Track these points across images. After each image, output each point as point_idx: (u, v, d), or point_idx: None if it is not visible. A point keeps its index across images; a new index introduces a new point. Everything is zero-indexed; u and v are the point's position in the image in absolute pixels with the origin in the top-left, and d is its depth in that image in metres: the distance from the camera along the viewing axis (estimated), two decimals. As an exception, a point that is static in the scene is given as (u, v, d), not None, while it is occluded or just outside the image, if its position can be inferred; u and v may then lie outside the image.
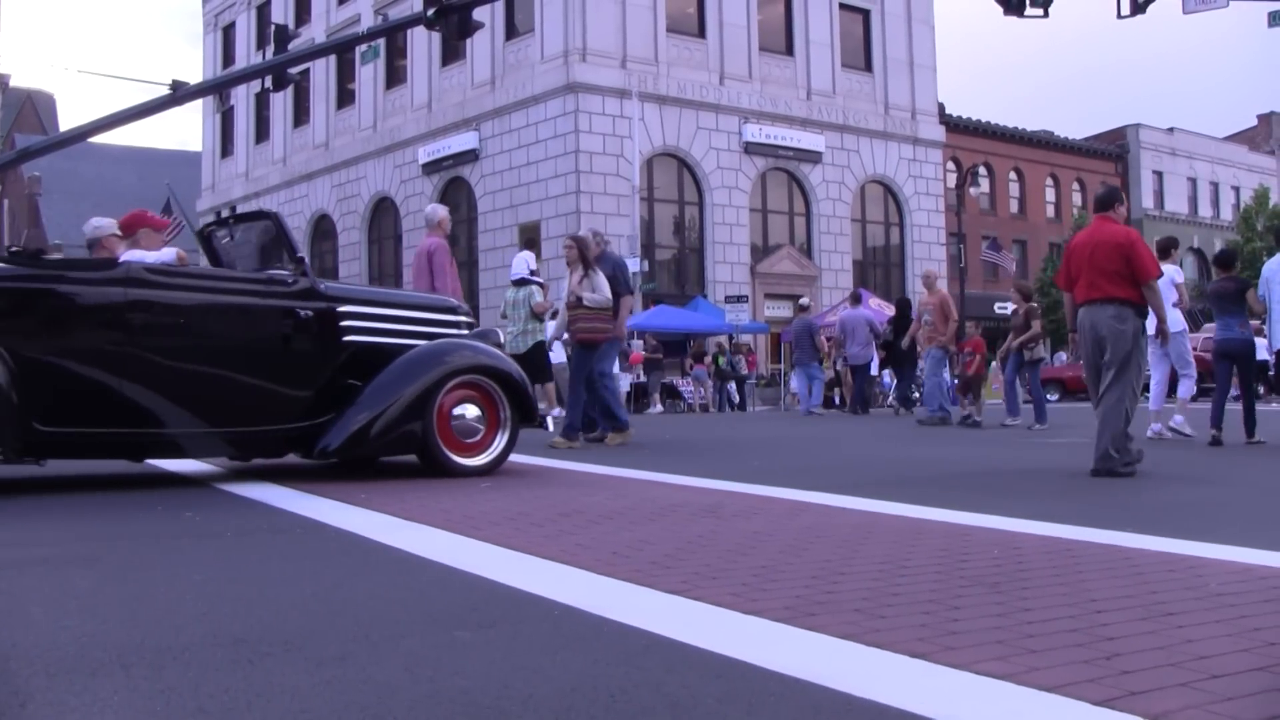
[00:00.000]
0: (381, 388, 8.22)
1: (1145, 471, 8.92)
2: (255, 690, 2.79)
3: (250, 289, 8.26)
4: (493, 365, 8.77)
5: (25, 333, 7.16)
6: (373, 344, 8.51)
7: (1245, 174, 69.31)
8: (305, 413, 8.15)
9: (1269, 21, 22.74)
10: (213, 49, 59.40)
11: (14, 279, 7.35)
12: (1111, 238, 8.84)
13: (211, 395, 7.86)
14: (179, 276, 7.99)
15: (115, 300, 7.49)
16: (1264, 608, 3.73)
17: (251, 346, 8.15)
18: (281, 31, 25.76)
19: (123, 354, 7.44)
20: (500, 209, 40.36)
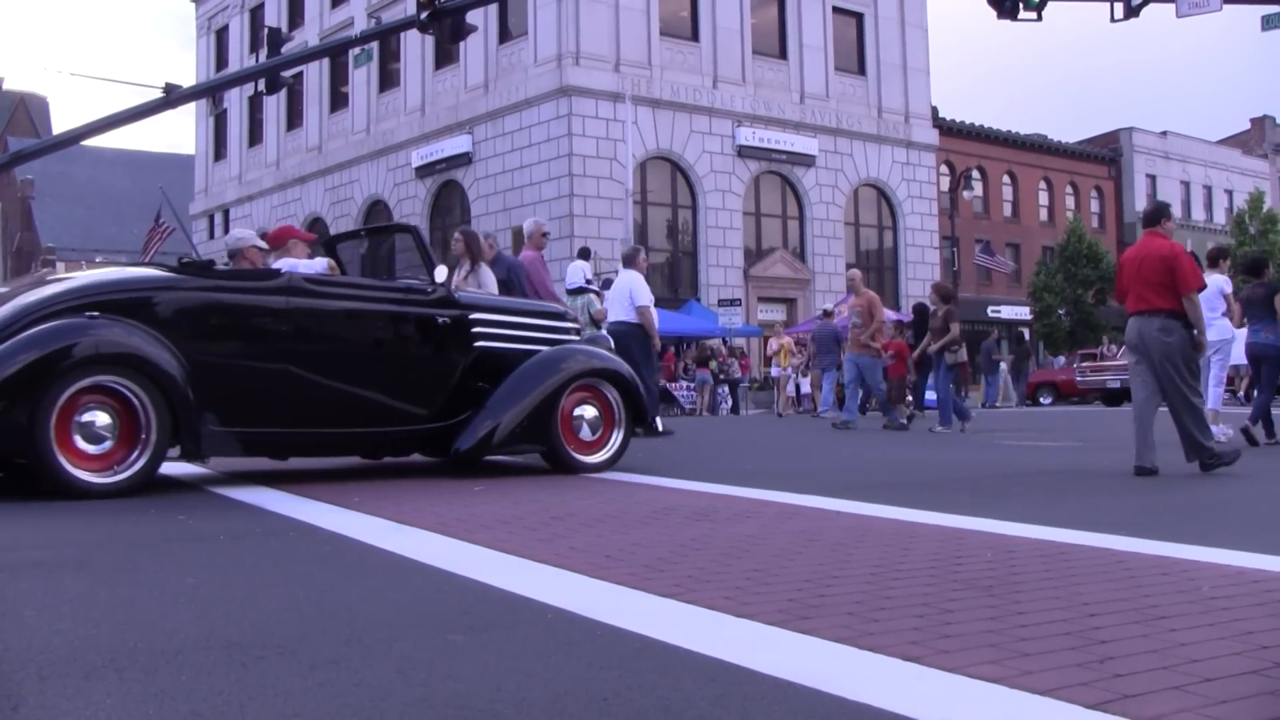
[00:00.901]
0: (511, 391, 8.76)
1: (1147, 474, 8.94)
2: (248, 693, 2.78)
3: (394, 297, 8.83)
4: (609, 369, 9.38)
5: (198, 338, 7.66)
6: (498, 349, 9.04)
7: (1239, 177, 69.41)
8: (438, 414, 8.68)
9: (1262, 25, 22.77)
10: (206, 52, 59.34)
11: (188, 288, 7.86)
12: (1157, 251, 9.18)
13: (359, 397, 8.40)
14: (333, 285, 8.59)
15: (278, 308, 8.04)
16: (1257, 611, 3.74)
17: (395, 351, 8.80)
18: (275, 35, 25.76)
19: (284, 358, 8.01)
20: (494, 212, 40.32)
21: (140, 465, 7.23)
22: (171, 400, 7.31)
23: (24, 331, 7.09)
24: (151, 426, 7.25)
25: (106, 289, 7.64)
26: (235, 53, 55.85)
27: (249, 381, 7.86)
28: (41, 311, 7.27)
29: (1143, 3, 21.15)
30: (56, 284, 7.76)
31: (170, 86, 24.11)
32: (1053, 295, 53.18)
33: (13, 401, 6.89)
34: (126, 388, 7.20)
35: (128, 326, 7.35)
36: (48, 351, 7.02)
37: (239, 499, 7.14)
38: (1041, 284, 53.72)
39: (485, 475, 8.55)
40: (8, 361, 6.92)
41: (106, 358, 7.17)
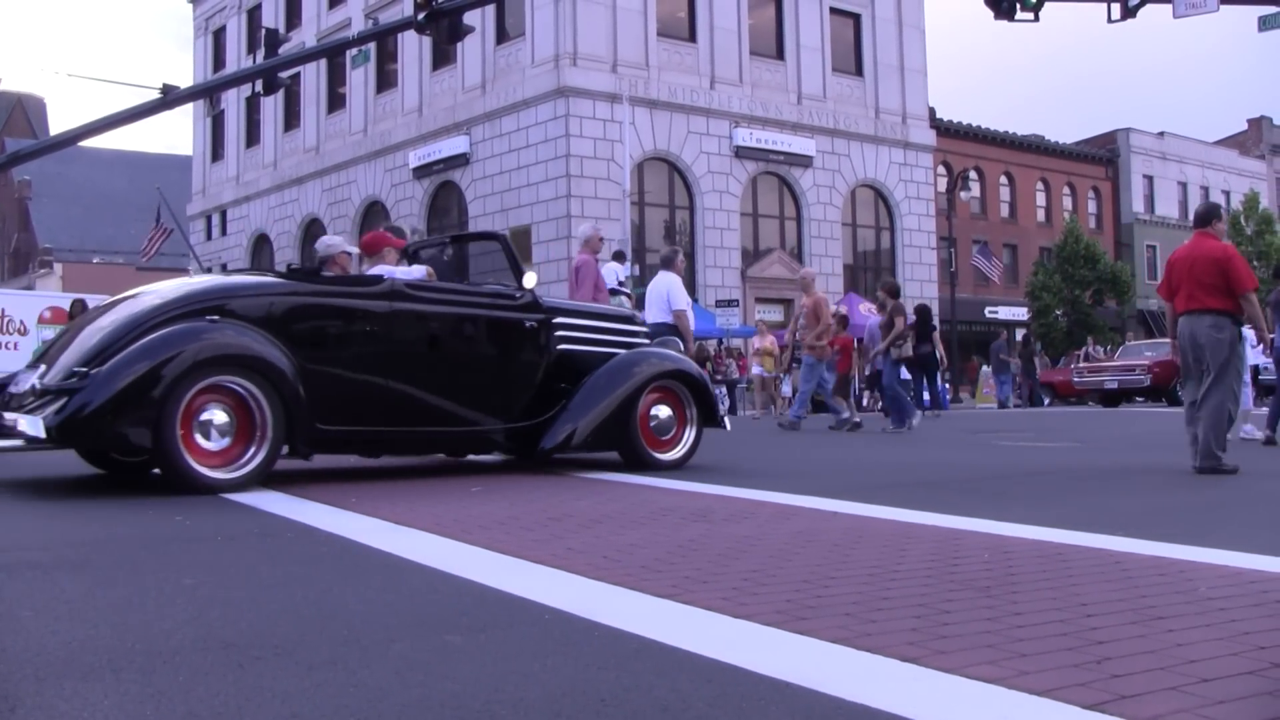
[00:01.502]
0: (593, 392, 9.22)
1: (1144, 475, 8.94)
2: (245, 694, 2.78)
3: (486, 302, 9.32)
4: (682, 370, 9.89)
5: (308, 341, 8.09)
6: (577, 351, 9.58)
7: (1235, 178, 69.45)
8: (522, 414, 9.17)
9: (1259, 26, 22.77)
10: (203, 53, 59.33)
11: (297, 294, 8.32)
12: (1209, 253, 9.44)
13: (453, 396, 8.89)
14: (431, 291, 9.03)
15: (381, 312, 8.51)
16: (1254, 612, 3.74)
17: (487, 353, 9.26)
18: (272, 35, 25.78)
19: (386, 360, 8.48)
20: (491, 213, 40.31)
21: (258, 462, 7.61)
22: (285, 400, 7.68)
23: (150, 334, 7.45)
24: (268, 425, 7.63)
25: (224, 293, 8.07)
26: (233, 53, 55.85)
27: (352, 382, 8.29)
28: (165, 315, 7.65)
29: (1140, 3, 21.17)
30: (177, 288, 8.16)
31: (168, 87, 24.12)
32: (1050, 295, 53.21)
33: (143, 400, 7.20)
34: (244, 388, 7.57)
35: (244, 329, 7.74)
36: (176, 353, 7.35)
37: (236, 500, 7.13)
38: (1039, 284, 53.73)
39: (483, 476, 8.55)
40: (139, 361, 7.26)
41: (227, 359, 7.54)
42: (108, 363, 7.29)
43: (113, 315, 7.94)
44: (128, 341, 7.42)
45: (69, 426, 7.15)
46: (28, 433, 7.25)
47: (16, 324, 25.35)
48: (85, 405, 7.15)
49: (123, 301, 8.25)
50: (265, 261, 54.26)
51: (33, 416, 7.22)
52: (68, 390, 7.23)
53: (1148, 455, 11.77)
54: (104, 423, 7.22)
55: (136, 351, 7.31)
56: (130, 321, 7.65)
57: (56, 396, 7.25)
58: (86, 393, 7.17)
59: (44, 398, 7.31)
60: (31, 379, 7.69)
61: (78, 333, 8.12)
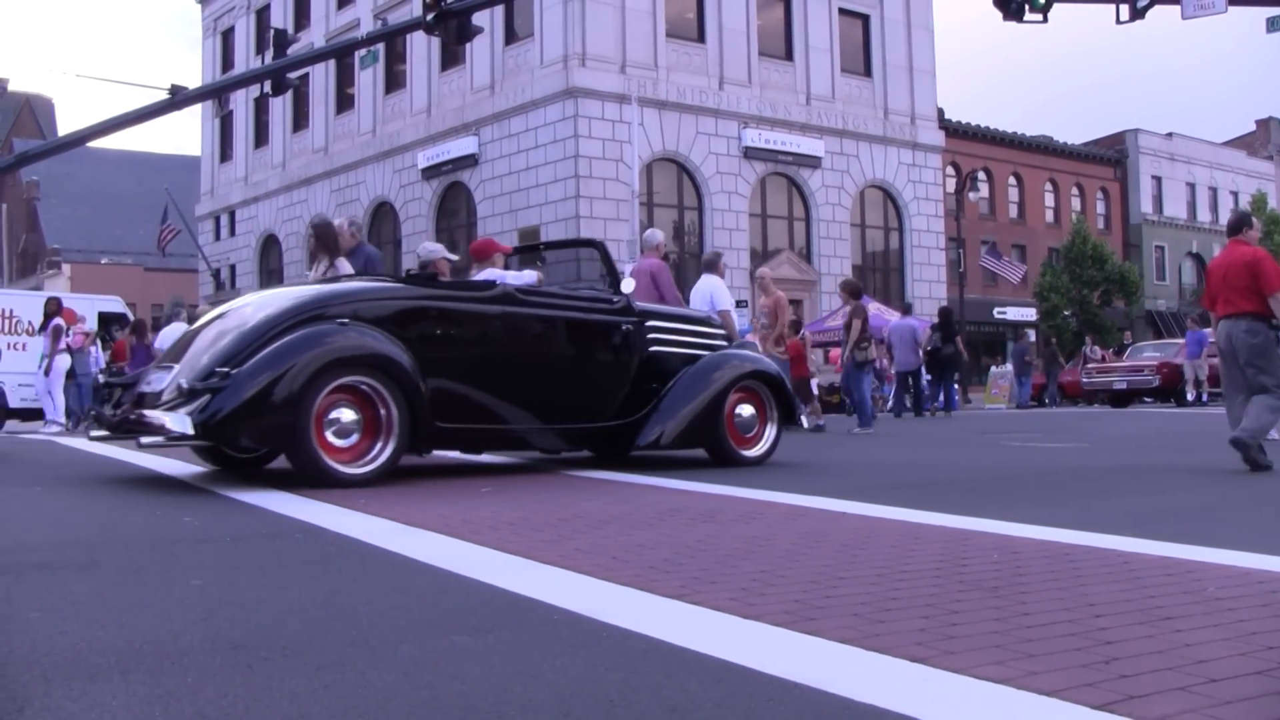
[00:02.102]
0: (683, 391, 9.69)
1: (1152, 475, 8.93)
2: (253, 695, 2.79)
3: (587, 305, 9.83)
4: (763, 370, 10.39)
5: (426, 342, 8.50)
6: (666, 353, 10.05)
7: (1244, 179, 69.37)
8: (617, 413, 9.62)
9: (1268, 27, 22.74)
10: (212, 53, 59.40)
11: (418, 298, 8.82)
12: (1241, 258, 9.78)
13: (558, 395, 9.37)
14: (539, 295, 9.49)
15: (495, 315, 9.03)
16: (1262, 612, 3.74)
17: (587, 355, 9.69)
18: (280, 36, 25.83)
19: (496, 360, 8.99)
20: (500, 214, 40.33)
21: (385, 457, 8.03)
22: (410, 398, 8.11)
23: (284, 335, 7.84)
24: (394, 422, 8.05)
25: (352, 298, 8.52)
26: (241, 54, 55.90)
27: (466, 381, 8.74)
28: (298, 318, 8.06)
29: (1148, 4, 21.13)
30: (307, 293, 8.57)
31: (176, 88, 24.17)
32: (1059, 296, 53.16)
33: (282, 398, 7.59)
34: (371, 387, 8.00)
35: (371, 332, 8.19)
36: (312, 354, 7.76)
37: (244, 500, 7.14)
38: (1048, 285, 53.68)
39: (491, 477, 8.56)
40: (279, 362, 7.65)
41: (358, 360, 7.99)
42: (247, 363, 7.65)
43: (240, 317, 8.36)
44: (264, 343, 7.80)
45: (214, 424, 7.50)
46: (174, 429, 7.53)
47: (25, 324, 25.42)
48: (229, 403, 7.50)
49: (243, 306, 8.75)
50: (273, 263, 54.34)
51: (178, 414, 7.53)
52: (211, 389, 7.54)
53: (1156, 456, 11.75)
54: (246, 420, 7.60)
55: (275, 352, 7.70)
56: (265, 323, 8.01)
57: (201, 395, 7.55)
58: (229, 392, 7.52)
59: (189, 396, 7.59)
60: (168, 379, 8.03)
61: (200, 335, 8.58)
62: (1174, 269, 66.21)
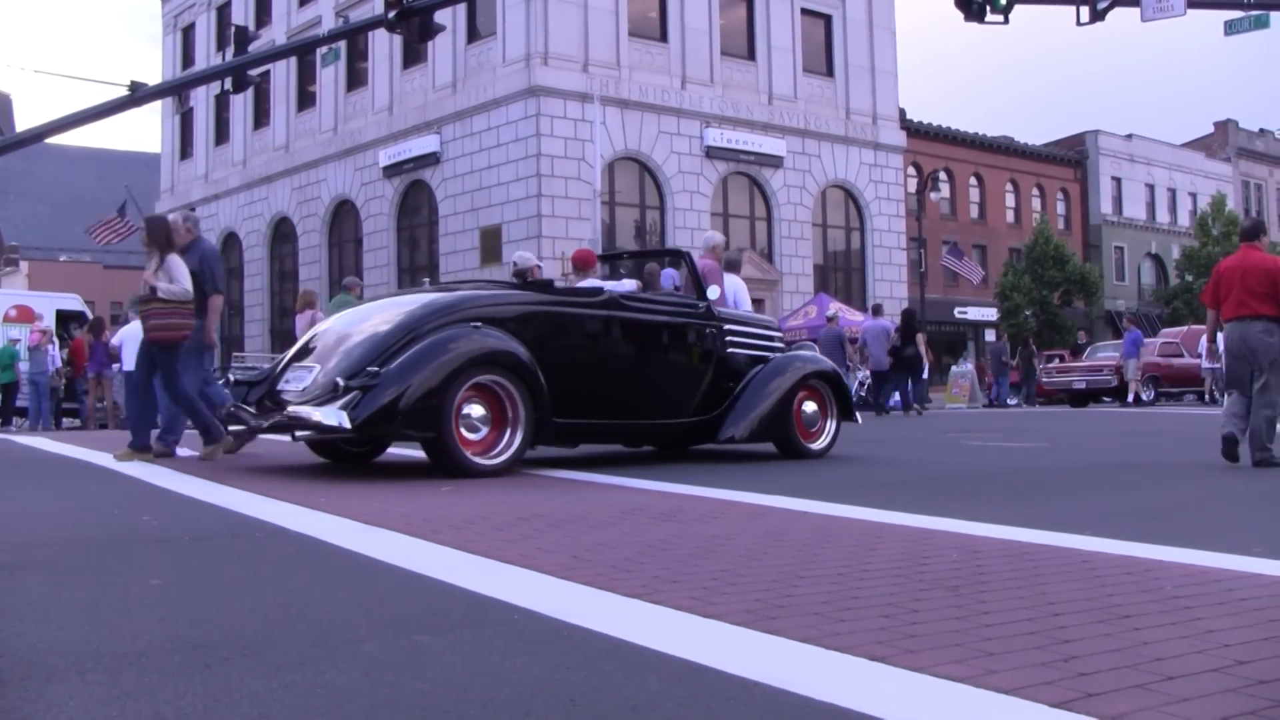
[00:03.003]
0: (757, 390, 10.57)
1: (1112, 474, 8.98)
2: (212, 695, 2.77)
3: (678, 311, 10.63)
4: (824, 371, 11.34)
5: (544, 343, 9.18)
6: (739, 355, 10.88)
7: (1202, 180, 69.93)
8: (698, 410, 10.47)
9: (1225, 30, 22.96)
10: (172, 50, 59.00)
11: (537, 303, 9.52)
12: (1260, 264, 10.23)
13: (652, 393, 10.23)
14: (639, 301, 10.33)
15: (602, 319, 9.85)
16: (1218, 610, 3.77)
17: (678, 356, 10.54)
18: (242, 33, 25.69)
19: (602, 360, 9.86)
20: (461, 212, 40.25)
21: (512, 450, 8.73)
22: (535, 395, 8.82)
23: (425, 338, 8.52)
24: (520, 418, 8.76)
25: (483, 302, 9.28)
26: (202, 51, 55.54)
27: (576, 379, 9.40)
28: (437, 321, 8.75)
29: (1108, 6, 21.29)
30: (441, 298, 9.24)
31: (136, 84, 24.00)
32: (1020, 296, 53.46)
33: (427, 395, 8.26)
34: (500, 385, 8.69)
35: (500, 334, 8.87)
36: (453, 354, 8.45)
37: (204, 499, 7.11)
38: (1009, 285, 53.96)
39: (452, 476, 8.53)
40: (423, 362, 8.32)
41: (492, 359, 8.67)
42: (393, 363, 8.32)
43: (375, 320, 9.04)
44: (405, 344, 8.48)
45: (368, 419, 8.13)
46: (327, 423, 8.17)
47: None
48: (380, 400, 8.14)
49: (372, 310, 9.52)
50: (234, 261, 54.05)
51: (331, 409, 8.15)
52: (362, 387, 8.17)
53: (1115, 455, 11.83)
54: (395, 415, 8.22)
55: (419, 353, 8.38)
56: (404, 325, 8.70)
57: (352, 393, 8.16)
58: (380, 389, 8.16)
59: (342, 394, 8.18)
60: (309, 377, 8.72)
61: (331, 337, 9.24)
62: (1133, 269, 66.68)
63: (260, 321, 51.77)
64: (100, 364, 22.00)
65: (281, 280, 51.85)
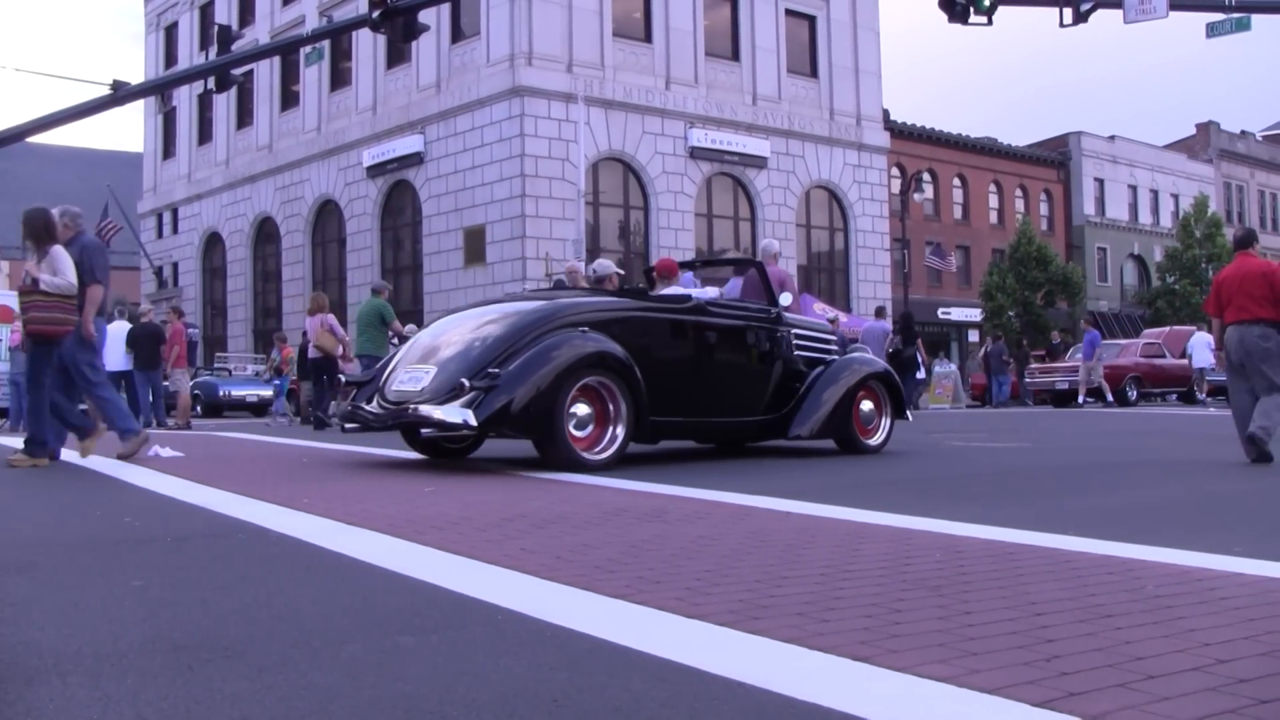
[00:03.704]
0: (822, 390, 11.26)
1: (1095, 474, 9.00)
2: (194, 697, 2.76)
3: (754, 316, 11.28)
4: (880, 372, 12.06)
5: (640, 347, 9.75)
6: (804, 357, 11.57)
7: (1184, 182, 70.18)
8: (769, 408, 11.12)
9: (1207, 32, 23.06)
10: (154, 49, 58.86)
11: (635, 310, 10.25)
12: (1257, 269, 10.72)
13: (732, 393, 10.85)
14: (721, 307, 11.03)
15: (690, 324, 10.50)
16: (1200, 609, 3.78)
17: (755, 358, 11.14)
18: (225, 32, 25.64)
19: (690, 363, 10.44)
20: (445, 212, 40.21)
21: (616, 447, 9.35)
22: (635, 395, 9.44)
23: (538, 341, 9.11)
24: (622, 416, 9.39)
25: (587, 308, 9.89)
26: (185, 50, 55.44)
27: (666, 380, 9.94)
28: (547, 326, 9.33)
29: (1091, 8, 21.36)
30: (550, 304, 9.83)
31: (118, 83, 23.93)
32: (1003, 297, 53.58)
33: (543, 394, 8.85)
34: (604, 385, 9.31)
35: (603, 338, 9.44)
36: (565, 356, 9.03)
37: (186, 500, 7.08)
38: (993, 285, 54.07)
39: (435, 476, 8.52)
40: (539, 363, 8.92)
41: (599, 362, 9.27)
42: (511, 364, 8.90)
43: (490, 323, 9.60)
44: (520, 347, 9.07)
45: (491, 417, 8.69)
46: (451, 421, 8.79)
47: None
48: (501, 399, 8.72)
49: (484, 314, 10.02)
50: (216, 261, 53.96)
51: (454, 408, 8.75)
52: (484, 387, 8.75)
53: (1098, 455, 11.86)
54: (514, 413, 8.78)
55: (535, 355, 8.97)
56: (519, 328, 9.29)
57: (473, 392, 8.74)
58: (501, 389, 8.74)
59: (465, 393, 8.75)
60: (425, 379, 9.23)
61: (444, 340, 9.80)
62: (1116, 270, 66.90)
63: (243, 321, 51.65)
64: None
65: (265, 281, 51.74)
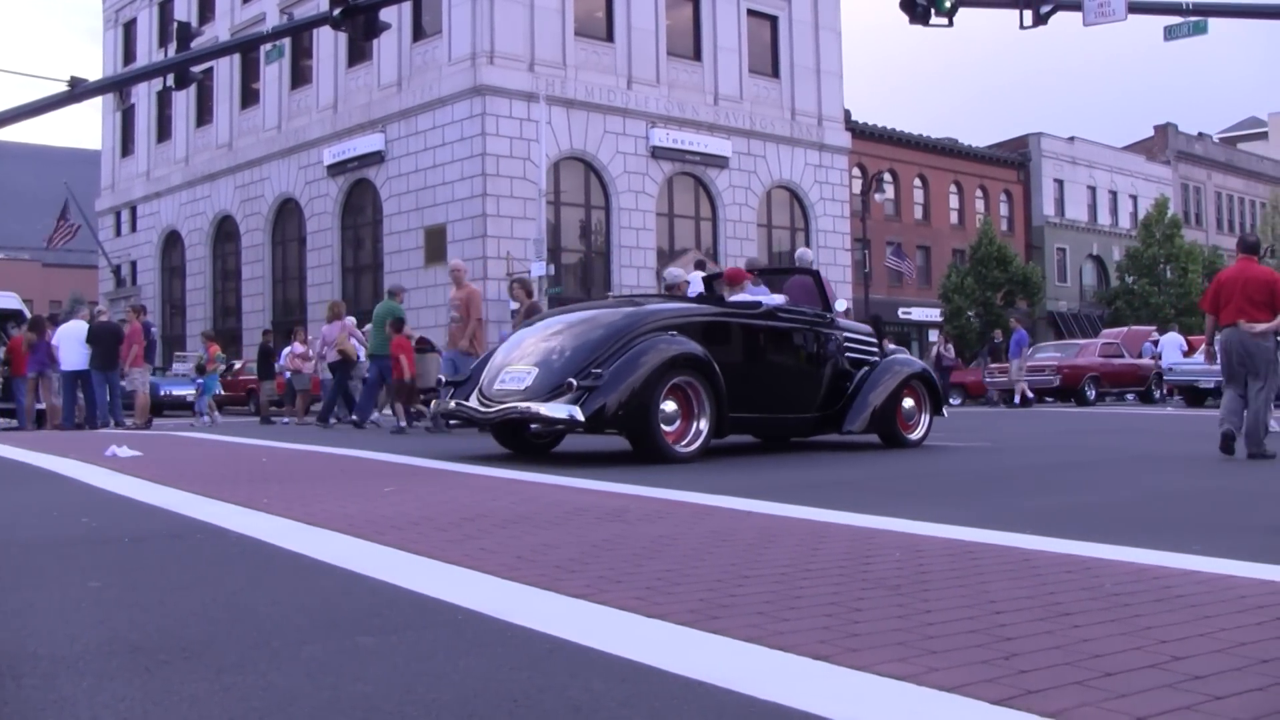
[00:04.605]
0: (870, 389, 12.16)
1: (1054, 474, 9.05)
2: (152, 699, 2.74)
3: (814, 321, 12.12)
4: (920, 372, 13.08)
5: (719, 349, 10.66)
6: (852, 358, 12.49)
7: (1143, 183, 70.66)
8: (823, 405, 12.03)
9: (1165, 35, 23.24)
10: (113, 45, 58.37)
11: (713, 315, 11.24)
12: (1259, 275, 11.22)
13: (796, 391, 11.80)
14: (788, 313, 11.89)
15: (762, 328, 11.51)
16: (1156, 607, 3.81)
17: (814, 359, 12.03)
18: (184, 29, 25.44)
19: (761, 364, 11.44)
20: (406, 211, 40.07)
21: (700, 440, 10.30)
22: (717, 393, 10.34)
23: (633, 344, 9.99)
24: (706, 412, 10.31)
25: (674, 314, 10.84)
26: (144, 46, 55.00)
27: (743, 379, 10.85)
28: (641, 329, 10.24)
29: (1051, 10, 21.48)
30: (640, 310, 10.76)
31: (75, 80, 23.72)
32: (963, 297, 53.80)
33: (641, 392, 9.74)
34: (690, 384, 10.23)
35: (689, 341, 10.38)
36: (659, 357, 9.96)
37: (145, 501, 7.04)
38: (953, 286, 54.28)
39: (395, 476, 8.50)
40: (637, 364, 9.79)
41: (688, 362, 10.21)
42: (611, 365, 9.76)
43: (587, 327, 10.48)
44: (617, 349, 9.94)
45: (596, 413, 9.53)
46: (558, 417, 9.71)
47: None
48: (605, 397, 9.58)
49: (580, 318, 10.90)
50: (175, 260, 53.61)
51: (560, 405, 9.65)
52: (588, 387, 9.61)
53: (1059, 455, 11.93)
54: (616, 409, 9.63)
55: (632, 356, 9.85)
56: (617, 331, 10.17)
57: (578, 391, 9.60)
58: (605, 388, 9.60)
59: (575, 391, 9.62)
60: (529, 377, 10.07)
61: (542, 342, 10.56)
62: (1075, 271, 67.27)
63: (202, 320, 51.28)
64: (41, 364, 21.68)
65: (224, 279, 51.43)
